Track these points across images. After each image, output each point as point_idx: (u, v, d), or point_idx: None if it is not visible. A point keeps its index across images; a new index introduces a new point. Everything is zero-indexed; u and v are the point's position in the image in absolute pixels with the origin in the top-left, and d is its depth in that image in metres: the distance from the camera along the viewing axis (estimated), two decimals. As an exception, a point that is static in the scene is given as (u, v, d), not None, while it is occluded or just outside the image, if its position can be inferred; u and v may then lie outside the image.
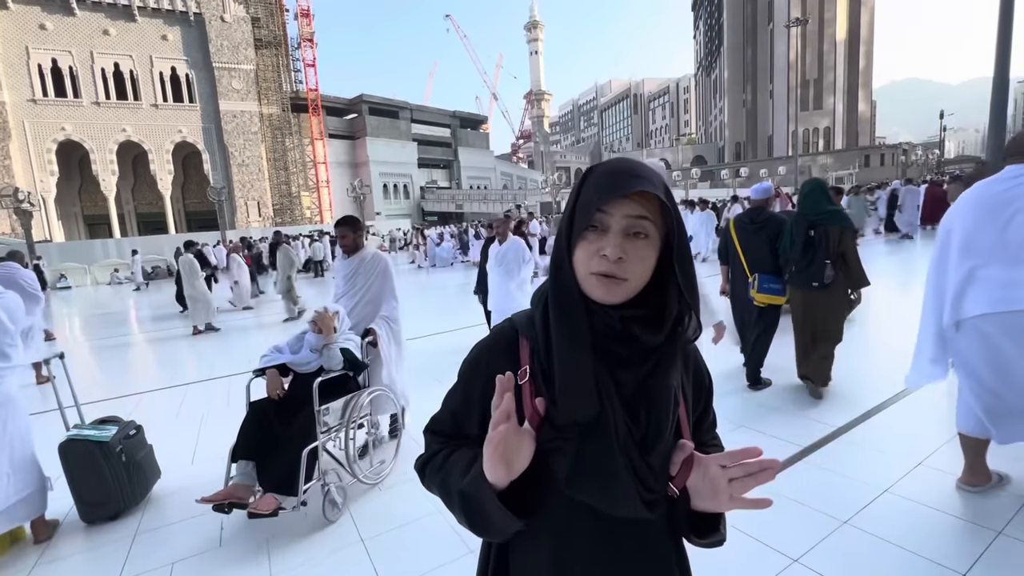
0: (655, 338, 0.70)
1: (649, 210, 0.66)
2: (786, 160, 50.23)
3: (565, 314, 0.70)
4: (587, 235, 0.67)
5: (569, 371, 0.69)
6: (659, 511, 0.71)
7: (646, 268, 0.68)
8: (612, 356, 0.70)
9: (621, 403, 0.70)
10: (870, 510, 2.29)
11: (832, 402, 3.52)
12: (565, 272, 0.70)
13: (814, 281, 3.47)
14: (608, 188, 0.65)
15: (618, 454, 0.68)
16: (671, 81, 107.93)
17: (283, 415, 2.65)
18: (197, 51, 34.54)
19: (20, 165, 29.62)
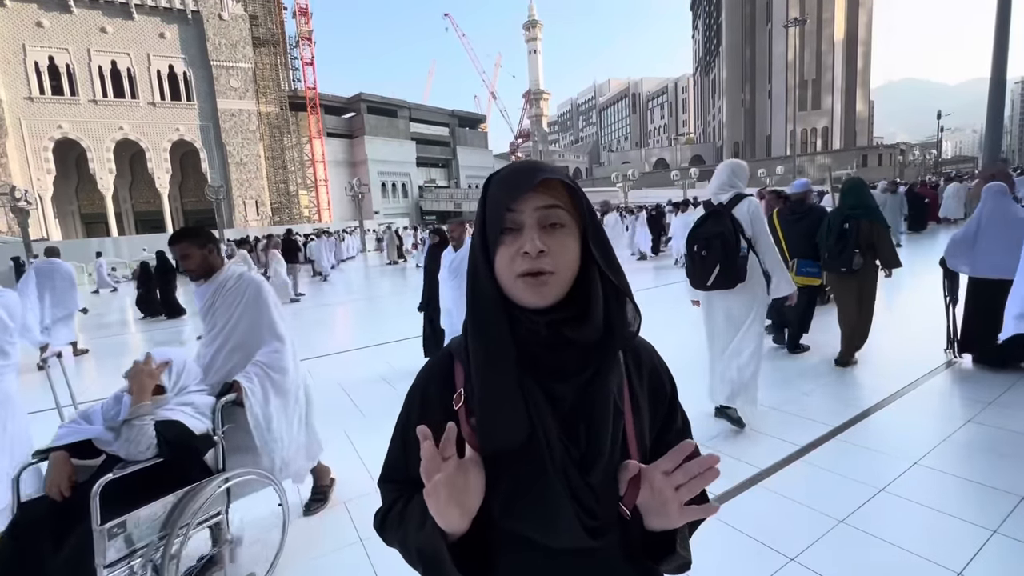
0: (588, 335, 0.65)
1: (558, 198, 0.64)
2: (784, 160, 50.36)
3: (482, 327, 0.67)
4: (504, 239, 0.64)
5: (489, 390, 0.65)
6: (607, 539, 0.64)
7: (571, 258, 0.65)
8: (544, 368, 0.66)
9: (558, 419, 0.65)
10: (866, 509, 2.31)
11: (829, 402, 3.54)
12: (481, 282, 0.66)
13: (843, 267, 4.07)
14: (513, 186, 0.63)
15: (553, 478, 0.62)
16: (669, 81, 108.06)
17: (63, 527, 1.63)
18: (195, 49, 34.45)
19: (17, 163, 29.51)
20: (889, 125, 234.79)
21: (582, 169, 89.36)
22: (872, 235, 3.98)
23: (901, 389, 3.66)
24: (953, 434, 2.96)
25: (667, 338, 4.39)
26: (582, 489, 0.63)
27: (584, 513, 0.62)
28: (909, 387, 3.70)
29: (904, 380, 3.81)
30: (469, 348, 0.68)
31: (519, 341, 0.65)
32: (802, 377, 4.08)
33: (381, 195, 44.87)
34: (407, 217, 43.02)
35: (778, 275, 3.13)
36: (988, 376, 3.77)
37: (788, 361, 4.51)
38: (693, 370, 3.59)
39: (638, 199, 36.35)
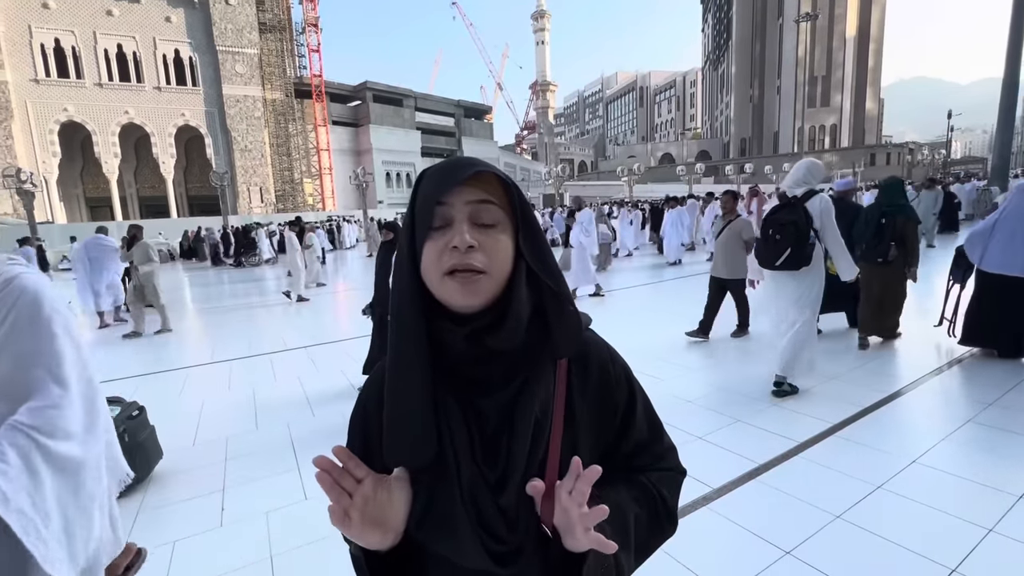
0: (507, 342, 0.60)
1: (491, 193, 0.60)
2: (791, 157, 49.99)
3: (396, 335, 0.62)
4: (432, 236, 0.60)
5: (394, 404, 0.62)
6: (519, 564, 0.59)
7: (504, 258, 0.60)
8: (468, 383, 0.62)
9: (480, 439, 0.61)
10: (863, 505, 2.32)
11: (827, 399, 3.54)
12: (404, 281, 0.62)
13: (879, 258, 4.48)
14: (444, 179, 0.60)
15: (458, 502, 0.59)
16: (678, 75, 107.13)
17: None
18: (201, 34, 34.29)
19: (22, 146, 29.55)
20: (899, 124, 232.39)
21: (588, 162, 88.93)
22: (905, 229, 4.45)
23: (903, 388, 3.67)
24: (953, 433, 2.96)
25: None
26: (491, 514, 0.59)
27: (491, 539, 0.59)
28: (911, 386, 3.70)
29: (906, 379, 3.82)
30: (387, 357, 0.64)
31: (443, 354, 0.62)
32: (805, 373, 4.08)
33: (385, 185, 44.80)
34: (411, 207, 42.93)
35: (843, 263, 3.61)
36: (991, 377, 3.77)
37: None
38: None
39: (643, 194, 36.21)
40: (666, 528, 0.70)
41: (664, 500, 0.69)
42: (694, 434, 3.13)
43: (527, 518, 0.60)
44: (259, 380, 4.81)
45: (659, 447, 0.73)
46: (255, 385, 4.65)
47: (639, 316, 6.87)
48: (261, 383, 4.71)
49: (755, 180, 47.44)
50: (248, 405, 4.14)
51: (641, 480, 0.69)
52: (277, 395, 4.33)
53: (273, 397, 4.28)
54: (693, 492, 2.48)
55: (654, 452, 0.73)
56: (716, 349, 4.99)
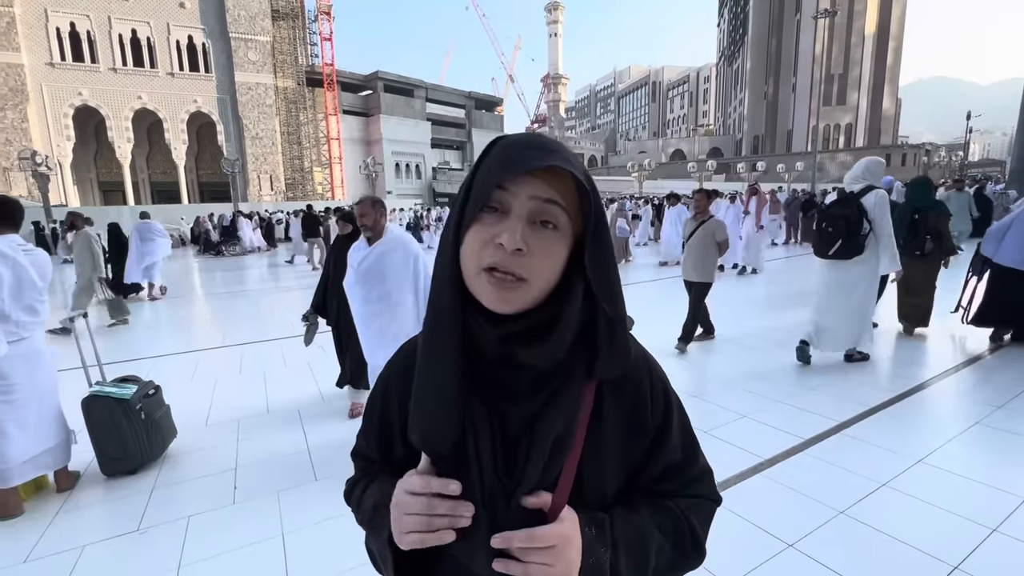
0: (540, 359, 0.56)
1: (562, 194, 0.53)
2: (804, 156, 49.39)
3: (431, 323, 0.58)
4: (483, 218, 0.53)
5: (423, 394, 0.58)
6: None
7: (552, 268, 0.54)
8: (498, 383, 0.58)
9: (502, 444, 0.58)
10: (867, 502, 2.34)
11: (835, 397, 3.55)
12: (445, 268, 0.56)
13: (917, 250, 4.78)
14: (513, 160, 0.51)
15: (479, 503, 0.55)
16: (691, 70, 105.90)
17: None
18: (214, 20, 34.32)
19: (37, 129, 29.83)
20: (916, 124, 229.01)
21: (598, 157, 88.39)
22: (938, 224, 4.74)
23: (912, 388, 3.66)
24: (960, 434, 2.97)
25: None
26: (505, 522, 0.55)
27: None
28: (921, 387, 3.70)
29: (917, 379, 3.82)
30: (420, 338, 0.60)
31: (474, 350, 0.57)
32: (811, 372, 4.08)
33: (395, 175, 44.81)
34: (419, 198, 42.97)
35: (887, 256, 3.91)
36: (1003, 380, 3.77)
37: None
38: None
39: (653, 190, 35.98)
40: (691, 559, 0.64)
41: (692, 530, 0.64)
42: (699, 428, 3.14)
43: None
44: (269, 365, 4.88)
45: (693, 470, 0.67)
46: (265, 369, 4.72)
47: (645, 311, 6.86)
48: (271, 368, 4.78)
49: (767, 178, 46.98)
50: (259, 388, 4.21)
51: (669, 506, 0.64)
52: (287, 380, 4.40)
53: (283, 381, 4.36)
54: (697, 484, 2.51)
55: (687, 476, 0.66)
56: (721, 346, 5.00)
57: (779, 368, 4.20)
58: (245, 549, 2.21)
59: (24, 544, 2.29)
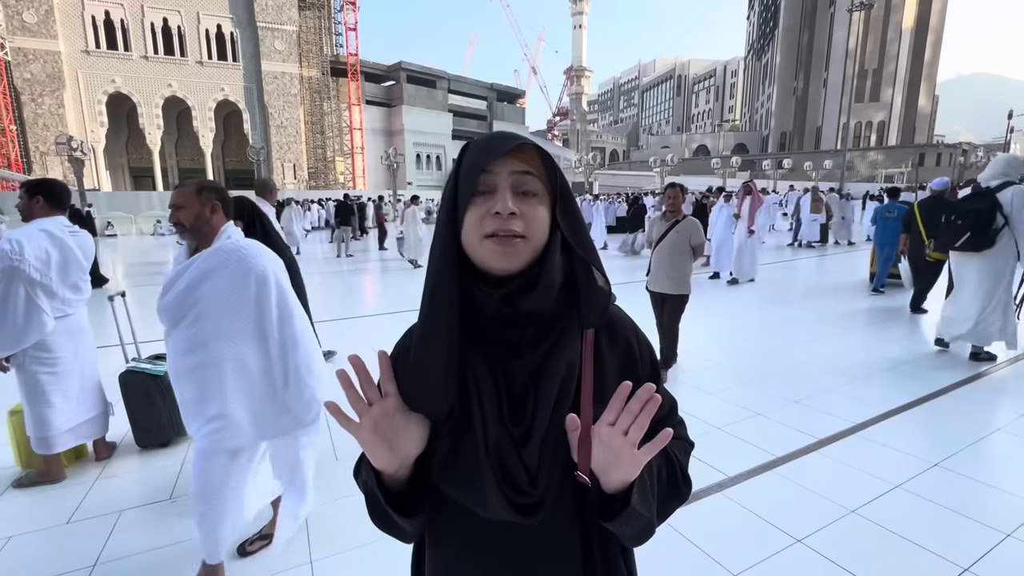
0: (539, 304, 0.65)
1: (532, 165, 0.65)
2: (833, 154, 48.09)
3: (429, 292, 0.66)
4: (475, 201, 0.63)
5: (418, 355, 0.66)
6: (541, 515, 0.63)
7: (541, 226, 0.65)
8: (499, 344, 0.67)
9: (508, 397, 0.65)
10: (880, 502, 2.34)
11: (852, 398, 3.52)
12: (441, 245, 0.65)
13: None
14: (489, 148, 0.64)
15: (483, 456, 0.63)
16: (718, 64, 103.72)
17: None
18: (242, 9, 34.82)
19: (72, 115, 30.77)
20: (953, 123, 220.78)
21: (619, 151, 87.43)
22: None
23: (934, 392, 3.61)
24: (979, 441, 2.93)
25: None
26: (515, 468, 0.63)
27: (513, 491, 0.62)
28: (942, 391, 3.64)
29: (939, 383, 3.76)
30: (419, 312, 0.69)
31: (477, 318, 0.66)
32: (830, 373, 4.05)
33: (415, 166, 45.05)
34: (439, 189, 43.15)
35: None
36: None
37: (818, 357, 4.46)
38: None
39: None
40: (683, 490, 0.73)
41: (681, 464, 0.74)
42: (712, 424, 3.17)
43: (548, 471, 0.63)
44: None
45: (673, 420, 0.79)
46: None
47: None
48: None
49: (794, 176, 45.84)
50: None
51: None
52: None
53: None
54: (708, 478, 2.54)
55: (670, 424, 0.77)
56: (738, 345, 4.98)
57: (797, 368, 4.18)
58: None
59: (67, 507, 2.44)
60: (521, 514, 0.62)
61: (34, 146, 29.78)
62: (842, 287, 7.67)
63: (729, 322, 5.90)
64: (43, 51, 29.54)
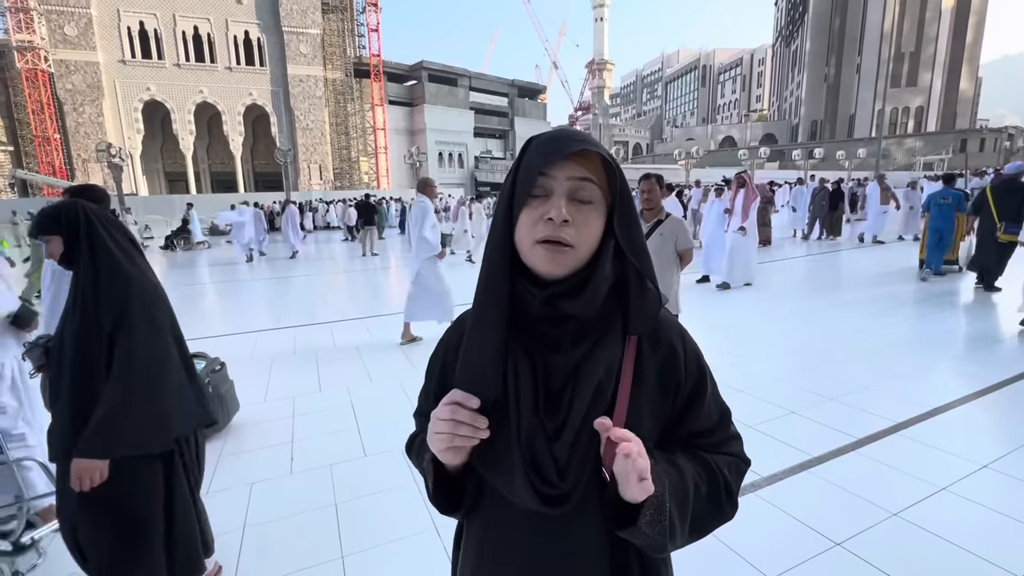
0: (582, 309, 0.66)
1: (593, 172, 0.64)
2: (867, 142, 46.29)
3: (483, 288, 0.68)
4: (531, 203, 0.64)
5: (470, 345, 0.69)
6: (567, 508, 0.64)
7: (593, 235, 0.65)
8: (543, 339, 0.68)
9: (545, 390, 0.67)
10: (924, 506, 2.24)
11: (895, 396, 3.38)
12: (496, 244, 0.67)
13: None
14: (550, 151, 0.63)
15: (514, 443, 0.65)
16: (745, 52, 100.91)
17: None
18: (268, 15, 35.60)
19: (111, 123, 32.05)
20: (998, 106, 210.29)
21: (643, 145, 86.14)
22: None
23: (983, 390, 3.44)
24: (1032, 441, 2.77)
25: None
26: (544, 460, 0.64)
27: (541, 481, 0.64)
28: (991, 388, 3.47)
29: (988, 380, 3.58)
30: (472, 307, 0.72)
31: (522, 312, 0.67)
32: (868, 371, 3.90)
33: (438, 164, 45.34)
34: (462, 187, 43.34)
35: None
36: (1082, 385, 3.47)
37: (856, 352, 4.30)
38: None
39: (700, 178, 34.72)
40: (726, 509, 0.71)
41: (727, 482, 0.71)
42: (745, 422, 3.09)
43: (578, 468, 0.64)
44: (320, 346, 5.13)
45: (724, 434, 0.76)
46: (318, 350, 4.97)
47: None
48: (322, 349, 5.03)
49: (825, 166, 44.34)
50: (312, 368, 4.45)
51: (705, 458, 0.72)
52: (337, 361, 4.62)
53: (333, 362, 4.58)
54: (741, 478, 2.48)
55: (720, 437, 0.75)
56: (771, 343, 4.84)
57: (834, 364, 4.04)
58: (301, 516, 2.37)
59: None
60: (546, 504, 0.63)
61: (76, 153, 31.15)
62: (883, 276, 7.37)
63: (758, 316, 5.75)
64: (83, 62, 30.84)
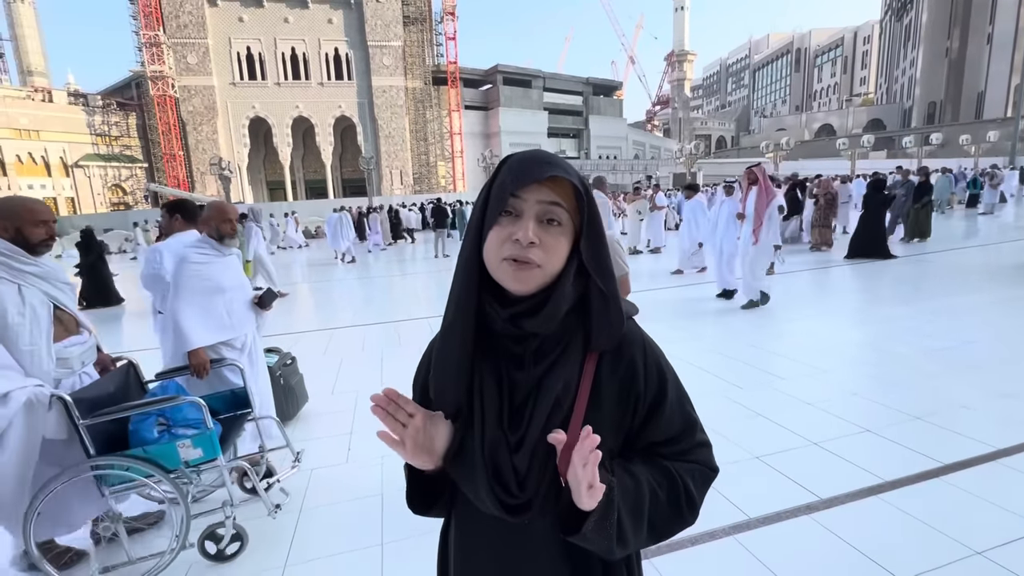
0: (542, 327, 0.68)
1: (563, 197, 0.66)
2: (1001, 123, 40.21)
3: (452, 304, 0.71)
4: (500, 221, 0.66)
5: (439, 359, 0.74)
6: (528, 516, 0.68)
7: (559, 256, 0.67)
8: (507, 355, 0.71)
9: (509, 404, 0.71)
10: (1017, 545, 1.94)
11: (996, 419, 2.94)
12: (466, 259, 0.70)
13: None
14: (522, 173, 0.65)
15: (478, 454, 0.69)
16: (846, 31, 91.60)
17: None
18: (355, 31, 38.16)
19: (223, 139, 36.07)
20: None
21: (727, 137, 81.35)
22: None
23: (1113, 417, 2.90)
24: None
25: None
26: (506, 471, 0.68)
27: (502, 490, 0.68)
28: None
29: (1121, 406, 3.01)
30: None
31: (489, 328, 0.70)
32: (965, 387, 3.42)
33: (511, 166, 45.89)
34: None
35: None
36: None
37: (953, 366, 3.80)
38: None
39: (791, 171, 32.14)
40: (686, 516, 0.73)
41: (687, 488, 0.72)
42: (808, 438, 2.85)
43: (537, 478, 0.68)
44: (388, 343, 5.44)
45: (689, 442, 0.76)
46: (383, 347, 5.27)
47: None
48: (388, 346, 5.33)
49: (944, 152, 39.13)
50: (376, 365, 4.73)
51: (664, 465, 0.73)
52: (401, 358, 4.88)
53: (397, 359, 4.84)
54: (794, 499, 2.30)
55: (684, 446, 0.75)
56: (839, 348, 4.40)
57: (924, 379, 3.60)
58: (352, 503, 2.55)
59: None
60: (508, 513, 0.68)
61: (196, 167, 35.40)
62: (996, 275, 6.40)
63: (841, 322, 5.24)
64: (201, 86, 34.99)
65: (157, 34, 33.03)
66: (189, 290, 2.54)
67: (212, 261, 2.62)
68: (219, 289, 2.62)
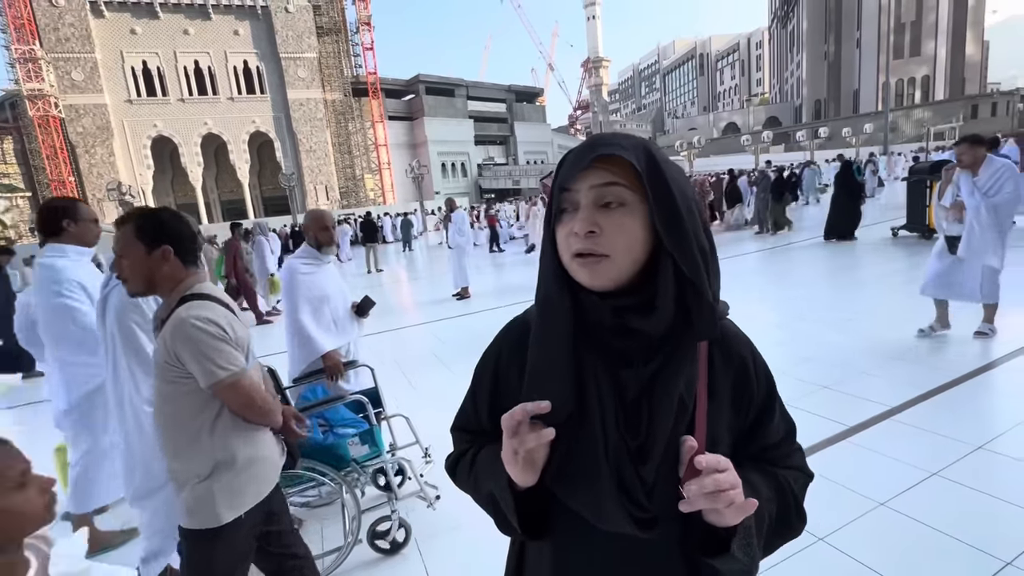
0: (654, 327, 0.61)
1: (620, 175, 0.60)
2: (874, 116, 45.48)
3: (542, 302, 0.68)
4: (562, 219, 0.64)
5: (535, 364, 0.67)
6: (657, 531, 0.61)
7: (630, 239, 0.60)
8: (612, 352, 0.64)
9: (620, 406, 0.63)
10: (912, 493, 2.18)
11: (887, 380, 3.30)
12: (547, 259, 0.67)
13: None
14: (569, 167, 0.62)
15: (603, 463, 0.62)
16: (741, 37, 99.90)
17: None
18: (265, 43, 36.41)
19: (122, 161, 33.01)
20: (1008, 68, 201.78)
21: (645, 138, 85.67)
22: None
23: (981, 368, 3.34)
24: (1032, 418, 2.68)
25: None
26: (632, 480, 0.61)
27: (631, 504, 0.61)
28: (990, 366, 3.37)
29: (987, 357, 3.47)
30: (533, 321, 0.70)
31: (589, 323, 0.64)
32: (866, 355, 3.82)
33: (441, 175, 45.66)
34: (467, 195, 43.57)
35: None
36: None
37: (853, 338, 4.22)
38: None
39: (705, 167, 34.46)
40: (795, 524, 0.69)
41: (795, 496, 0.69)
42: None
43: (664, 490, 0.61)
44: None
45: (789, 447, 0.74)
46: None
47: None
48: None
49: (832, 144, 43.55)
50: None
51: (775, 474, 0.69)
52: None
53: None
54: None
55: (784, 451, 0.73)
56: (766, 331, 4.77)
57: (829, 352, 3.97)
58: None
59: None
60: (640, 528, 0.60)
61: (91, 194, 32.09)
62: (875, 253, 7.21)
63: (753, 304, 5.67)
64: (92, 105, 31.86)
65: (32, 48, 29.70)
66: (305, 299, 2.62)
67: (317, 270, 2.68)
68: (325, 297, 2.69)
